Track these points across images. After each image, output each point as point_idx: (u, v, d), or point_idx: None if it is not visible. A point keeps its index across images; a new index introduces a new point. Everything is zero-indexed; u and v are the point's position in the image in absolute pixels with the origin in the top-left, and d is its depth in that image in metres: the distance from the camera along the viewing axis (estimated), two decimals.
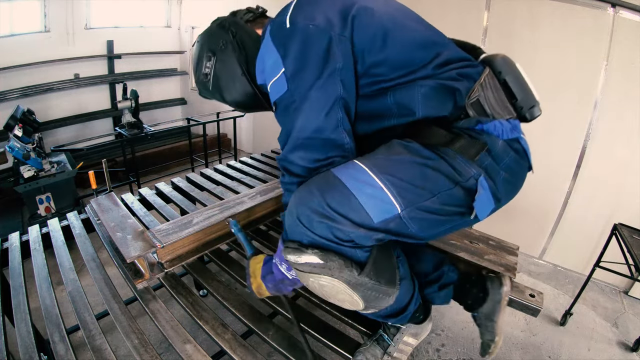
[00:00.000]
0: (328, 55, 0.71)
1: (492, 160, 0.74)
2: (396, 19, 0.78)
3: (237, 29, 0.88)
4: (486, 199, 0.73)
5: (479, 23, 2.44)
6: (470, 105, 0.76)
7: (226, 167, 2.04)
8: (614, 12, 1.99)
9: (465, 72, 0.77)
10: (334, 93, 0.71)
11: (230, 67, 0.88)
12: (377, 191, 0.67)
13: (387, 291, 0.77)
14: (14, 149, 2.40)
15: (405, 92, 0.76)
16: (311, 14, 0.74)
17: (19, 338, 0.90)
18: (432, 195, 0.69)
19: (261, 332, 0.94)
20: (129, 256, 1.04)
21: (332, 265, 0.70)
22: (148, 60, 4.73)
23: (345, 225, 0.67)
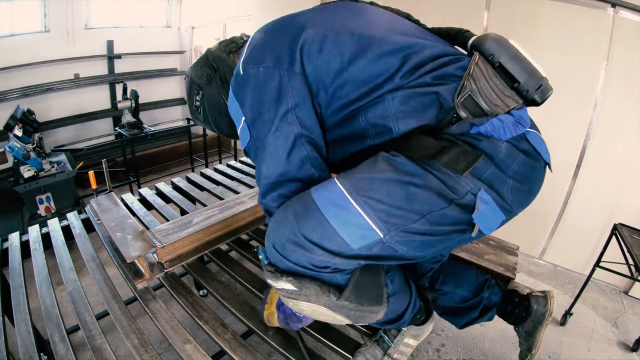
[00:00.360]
0: (280, 97, 0.69)
1: (496, 168, 0.65)
2: (353, 32, 0.72)
3: (218, 63, 0.88)
4: (491, 213, 0.65)
5: (479, 23, 2.43)
6: (460, 105, 0.67)
7: (226, 167, 2.04)
8: (614, 12, 1.99)
9: (443, 73, 0.69)
10: (292, 134, 0.69)
11: (216, 101, 0.88)
12: (354, 217, 0.63)
13: (372, 310, 0.75)
14: (14, 149, 2.40)
15: (376, 109, 0.70)
16: (261, 54, 0.72)
17: (19, 338, 0.90)
18: (420, 216, 0.63)
19: (261, 332, 0.94)
20: (129, 256, 1.04)
21: (307, 292, 0.69)
22: (148, 60, 4.72)
23: (319, 255, 0.64)
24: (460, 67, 0.70)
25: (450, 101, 0.67)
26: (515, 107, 0.68)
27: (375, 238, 0.63)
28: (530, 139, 0.69)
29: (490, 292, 1.04)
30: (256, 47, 0.74)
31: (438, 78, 0.68)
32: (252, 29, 2.78)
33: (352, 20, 0.75)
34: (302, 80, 0.70)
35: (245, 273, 1.17)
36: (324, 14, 0.78)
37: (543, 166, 0.72)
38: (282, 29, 0.75)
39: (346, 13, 0.78)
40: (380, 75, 0.69)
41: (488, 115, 0.67)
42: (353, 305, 0.71)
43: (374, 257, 0.67)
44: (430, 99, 0.68)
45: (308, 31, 0.71)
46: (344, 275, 0.70)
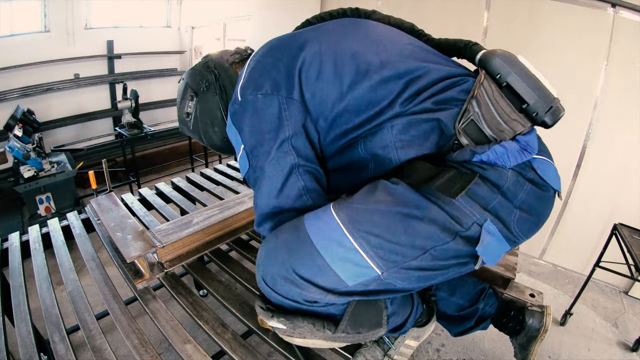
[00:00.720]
0: (278, 125, 0.66)
1: (503, 197, 0.61)
2: (353, 56, 0.68)
3: (220, 71, 0.84)
4: (495, 244, 0.62)
5: (479, 23, 2.43)
6: (462, 131, 0.63)
7: (226, 167, 2.04)
8: (614, 12, 1.99)
9: (445, 97, 0.65)
10: (288, 164, 0.66)
11: (211, 110, 0.84)
12: (351, 253, 0.59)
13: (371, 335, 0.72)
14: (14, 149, 2.40)
15: (375, 139, 0.67)
16: (260, 79, 0.69)
17: (19, 338, 0.90)
18: (422, 252, 0.59)
19: (261, 332, 0.94)
20: (129, 256, 1.04)
21: (301, 330, 0.66)
22: (148, 60, 4.73)
23: (311, 292, 0.61)
24: (464, 89, 0.66)
25: (452, 127, 0.64)
26: (522, 131, 0.63)
27: (372, 275, 0.60)
28: (537, 167, 0.65)
29: (485, 303, 1.01)
30: (254, 71, 0.71)
31: (440, 103, 0.65)
32: (252, 29, 2.81)
33: (352, 41, 0.72)
34: (301, 107, 0.68)
35: (245, 273, 1.16)
36: (324, 34, 0.75)
37: (551, 195, 0.68)
38: (281, 50, 0.72)
39: (347, 34, 0.74)
40: (381, 102, 0.65)
41: (491, 142, 0.63)
42: (350, 335, 0.69)
43: (370, 293, 0.63)
44: (431, 126, 0.64)
45: (306, 55, 0.68)
46: (338, 307, 0.66)
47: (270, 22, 3.78)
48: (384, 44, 0.72)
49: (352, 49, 0.69)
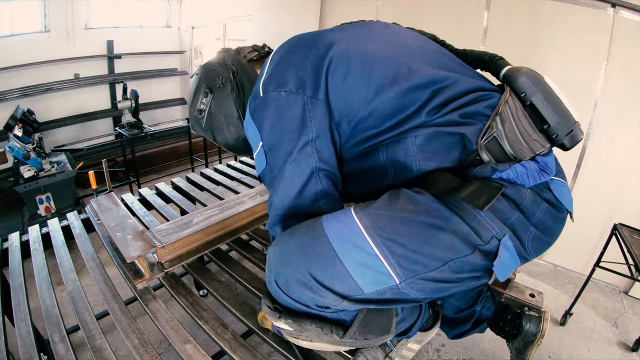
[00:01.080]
0: (301, 126, 0.64)
1: (521, 214, 0.61)
2: (381, 61, 0.67)
3: (238, 68, 0.82)
4: (509, 260, 0.62)
5: (479, 23, 2.43)
6: (483, 147, 0.63)
7: (226, 167, 2.04)
8: (614, 12, 1.99)
9: (471, 111, 0.64)
10: (309, 167, 0.64)
11: (226, 107, 0.81)
12: (371, 259, 0.57)
13: (378, 340, 0.72)
14: (14, 149, 2.40)
15: (398, 146, 0.66)
16: (284, 76, 0.66)
17: (19, 338, 0.90)
18: (442, 264, 0.58)
19: (261, 332, 0.94)
20: (129, 256, 1.04)
21: (308, 334, 0.65)
22: (148, 60, 4.73)
23: (327, 298, 0.60)
24: (490, 105, 0.65)
25: (474, 143, 0.63)
26: (541, 152, 0.63)
27: (390, 284, 0.58)
28: (553, 188, 0.65)
29: (483, 306, 1.00)
30: (278, 67, 0.69)
31: (466, 116, 0.64)
32: (252, 29, 2.81)
33: (381, 45, 0.70)
34: (325, 108, 0.66)
35: (245, 273, 1.16)
36: (353, 35, 0.72)
37: (565, 217, 0.68)
38: (308, 48, 0.69)
39: (376, 37, 0.73)
40: (407, 109, 0.64)
41: (511, 160, 0.63)
42: (358, 342, 0.68)
43: (384, 302, 0.62)
44: (455, 140, 0.64)
45: (334, 55, 0.66)
46: (350, 313, 0.65)
47: (270, 22, 3.79)
48: (412, 50, 0.71)
49: (380, 53, 0.68)
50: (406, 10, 2.83)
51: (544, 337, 0.94)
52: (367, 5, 3.04)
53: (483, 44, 2.43)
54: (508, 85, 0.66)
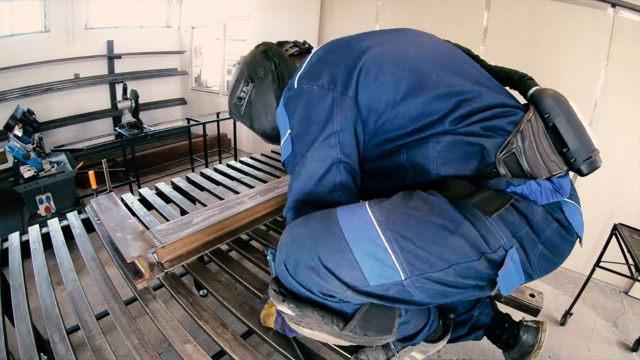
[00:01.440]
0: (328, 118, 0.68)
1: (530, 230, 0.62)
2: (412, 67, 0.69)
3: (280, 61, 0.86)
4: (514, 274, 0.62)
5: (479, 23, 2.44)
6: (501, 161, 0.64)
7: (226, 167, 2.04)
8: (614, 12, 1.99)
9: (494, 125, 0.65)
10: (330, 157, 0.68)
11: (266, 97, 0.86)
12: (380, 252, 0.59)
13: (378, 340, 0.72)
14: (14, 149, 2.40)
15: (419, 150, 0.68)
16: (318, 72, 0.71)
17: (19, 338, 0.90)
18: (447, 265, 0.59)
19: (261, 332, 0.94)
20: (129, 256, 1.04)
21: (309, 321, 0.66)
22: (148, 60, 4.73)
23: (332, 285, 0.61)
24: (512, 121, 0.66)
25: (493, 156, 0.64)
26: (557, 173, 0.64)
27: (395, 279, 0.60)
28: (565, 210, 0.65)
29: (481, 312, 0.99)
30: (315, 65, 0.73)
31: (487, 129, 0.65)
32: (252, 29, 2.81)
33: (413, 53, 0.73)
34: (353, 105, 0.69)
35: (245, 273, 1.16)
36: (387, 41, 0.76)
37: (574, 241, 0.69)
38: (344, 50, 0.73)
39: (409, 45, 0.76)
40: (431, 116, 0.66)
41: (527, 177, 0.64)
42: (357, 336, 0.68)
43: (387, 299, 0.63)
44: (474, 150, 0.65)
45: (368, 57, 0.70)
46: (352, 306, 0.66)
47: (270, 22, 3.79)
48: (442, 60, 0.73)
49: (412, 60, 0.71)
50: (406, 10, 2.83)
51: (542, 348, 0.93)
52: (367, 5, 3.04)
53: (483, 44, 2.43)
54: (533, 105, 0.68)
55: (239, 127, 4.05)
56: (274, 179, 1.79)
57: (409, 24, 0.87)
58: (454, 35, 0.86)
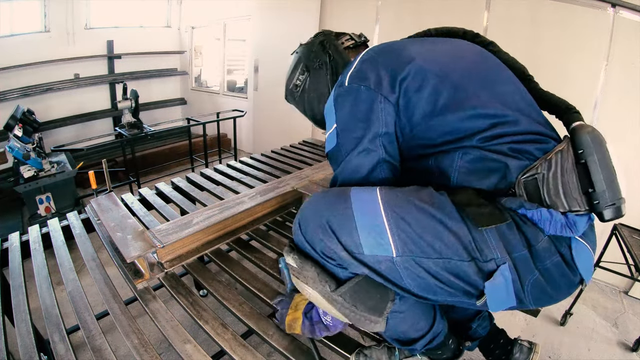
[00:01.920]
0: (373, 119, 0.73)
1: (528, 254, 0.62)
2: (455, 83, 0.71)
3: (335, 54, 0.91)
4: (504, 292, 0.62)
5: (479, 23, 2.44)
6: (521, 183, 0.64)
7: (226, 167, 2.04)
8: (614, 12, 1.99)
9: (522, 148, 0.66)
10: (376, 157, 0.73)
11: (320, 87, 0.92)
12: (377, 224, 0.65)
13: (367, 317, 0.73)
14: (14, 149, 2.40)
15: (445, 157, 0.71)
16: (366, 72, 0.75)
17: (19, 338, 0.90)
18: (437, 256, 0.62)
19: (261, 332, 0.94)
20: (129, 256, 1.04)
21: (306, 274, 0.72)
22: (148, 60, 4.73)
23: (332, 244, 0.67)
24: (542, 149, 0.66)
25: (514, 176, 0.65)
26: (576, 211, 0.62)
27: (387, 253, 0.64)
28: (573, 247, 0.64)
29: (479, 325, 1.00)
30: (365, 64, 0.77)
31: (515, 151, 0.66)
32: (252, 29, 2.81)
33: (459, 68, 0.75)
34: (395, 110, 0.73)
35: (245, 273, 1.16)
36: (436, 52, 0.79)
37: (576, 282, 0.67)
38: (392, 55, 0.77)
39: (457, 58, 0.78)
40: (463, 132, 0.69)
41: (542, 205, 0.63)
42: (347, 305, 0.72)
43: (379, 274, 0.67)
44: (497, 167, 0.66)
45: (414, 67, 0.73)
46: (346, 273, 0.71)
47: (270, 22, 3.79)
48: (486, 80, 0.74)
49: (455, 75, 0.73)
50: (407, 10, 2.83)
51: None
52: (367, 5, 3.04)
53: None
54: (570, 138, 0.67)
55: (238, 127, 4.05)
56: (274, 179, 1.79)
57: (409, 24, 0.88)
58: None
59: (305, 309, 0.89)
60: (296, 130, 3.61)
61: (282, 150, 2.42)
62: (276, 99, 3.99)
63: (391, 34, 2.94)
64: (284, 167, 2.06)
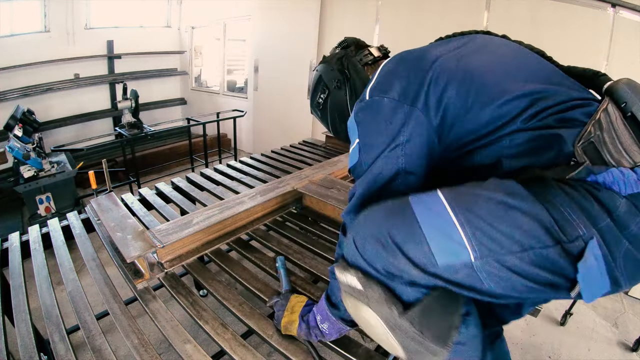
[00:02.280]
0: (396, 129, 0.70)
1: (612, 223, 0.56)
2: (482, 76, 0.69)
3: (353, 73, 0.91)
4: (597, 274, 0.55)
5: (479, 23, 2.44)
6: (581, 151, 0.60)
7: (226, 167, 2.04)
8: (614, 12, 1.99)
9: (568, 116, 0.63)
10: (396, 167, 0.70)
11: (340, 107, 0.93)
12: (448, 226, 0.57)
13: (431, 348, 0.64)
14: (14, 149, 2.40)
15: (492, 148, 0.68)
16: (388, 84, 0.73)
17: (19, 338, 0.90)
18: (520, 248, 0.54)
19: (261, 332, 0.94)
20: (129, 256, 1.04)
21: (370, 295, 0.64)
22: (148, 60, 4.73)
23: (399, 261, 0.60)
24: (587, 112, 0.64)
25: (571, 145, 0.61)
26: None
27: (464, 259, 0.56)
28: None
29: None
30: (386, 76, 0.75)
31: (562, 121, 0.63)
32: (252, 29, 2.81)
33: (484, 60, 0.74)
34: (421, 117, 0.70)
35: (245, 273, 1.16)
36: (457, 50, 0.77)
37: None
38: (414, 61, 0.75)
39: (479, 52, 0.76)
40: (503, 118, 0.66)
41: (608, 166, 0.59)
42: (413, 331, 0.63)
43: (455, 284, 0.59)
44: (550, 140, 0.63)
45: (437, 67, 0.71)
46: (415, 293, 0.63)
47: (270, 22, 3.79)
48: (513, 65, 0.74)
49: (481, 66, 0.71)
50: (406, 10, 2.83)
51: None
52: (367, 5, 3.04)
53: None
54: (608, 97, 0.65)
55: (238, 127, 4.05)
56: (274, 179, 1.79)
57: (409, 24, 0.89)
58: None
59: (301, 312, 0.89)
60: (296, 130, 3.61)
61: (282, 150, 2.42)
62: (276, 99, 4.01)
63: (391, 34, 2.94)
64: (284, 167, 2.06)
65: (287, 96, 3.75)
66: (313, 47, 3.45)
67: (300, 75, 3.59)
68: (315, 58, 3.47)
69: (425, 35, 1.01)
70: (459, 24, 0.96)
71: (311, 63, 3.50)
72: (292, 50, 3.63)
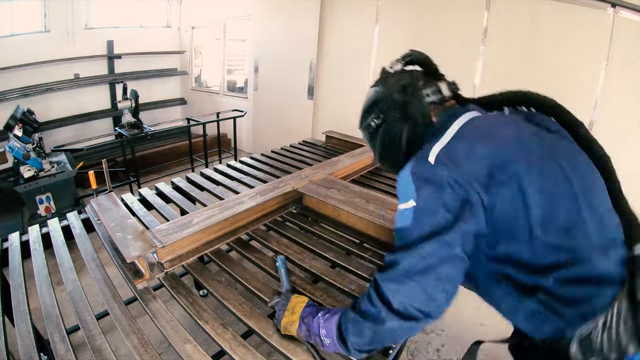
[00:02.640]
0: (459, 213, 0.66)
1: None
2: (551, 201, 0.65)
3: (416, 109, 0.83)
4: None
5: (479, 23, 2.44)
6: (576, 340, 0.60)
7: (226, 167, 2.04)
8: (614, 12, 1.99)
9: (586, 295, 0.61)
10: (452, 252, 0.67)
11: (392, 139, 0.87)
12: None
13: None
14: (14, 149, 2.41)
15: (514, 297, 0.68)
16: (459, 158, 0.68)
17: (19, 338, 0.90)
18: None
19: (261, 332, 0.94)
20: (129, 256, 1.04)
21: None
22: (148, 60, 4.74)
23: None
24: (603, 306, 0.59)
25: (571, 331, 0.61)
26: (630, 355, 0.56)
27: None
28: None
29: None
30: (457, 150, 0.70)
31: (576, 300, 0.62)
32: (252, 29, 2.81)
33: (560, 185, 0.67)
34: (482, 212, 0.67)
35: (245, 273, 1.16)
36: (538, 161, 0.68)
37: None
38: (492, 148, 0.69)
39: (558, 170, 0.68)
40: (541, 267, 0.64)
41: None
42: None
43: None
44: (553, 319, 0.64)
45: (510, 172, 0.65)
46: None
47: (270, 22, 3.79)
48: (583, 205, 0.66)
49: (554, 193, 0.66)
50: (406, 11, 2.83)
51: None
52: (367, 5, 3.04)
53: (483, 43, 2.42)
54: (629, 274, 0.60)
55: (238, 127, 4.05)
56: (274, 179, 1.79)
57: (409, 24, 0.87)
58: (453, 35, 0.86)
59: (302, 313, 0.88)
60: (296, 130, 3.61)
61: (282, 150, 2.42)
62: (276, 99, 4.01)
63: (391, 34, 2.94)
64: (284, 167, 2.06)
65: (287, 96, 3.75)
66: (313, 47, 3.45)
67: (300, 75, 3.59)
68: (315, 58, 3.47)
69: (425, 35, 1.01)
70: (459, 23, 0.95)
71: (311, 63, 3.51)
72: (292, 50, 3.63)
